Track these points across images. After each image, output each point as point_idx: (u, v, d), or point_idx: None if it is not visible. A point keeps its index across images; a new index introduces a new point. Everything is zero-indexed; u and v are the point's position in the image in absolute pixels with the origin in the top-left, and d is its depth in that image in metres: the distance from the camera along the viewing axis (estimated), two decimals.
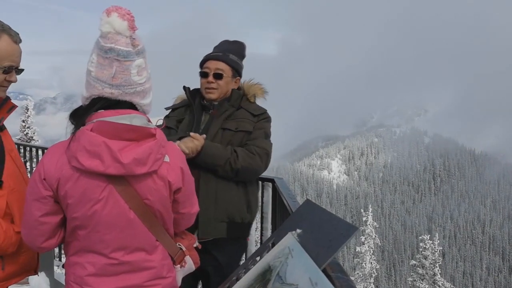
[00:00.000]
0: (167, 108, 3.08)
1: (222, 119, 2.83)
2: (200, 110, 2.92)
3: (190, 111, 2.95)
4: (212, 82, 2.82)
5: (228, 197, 2.76)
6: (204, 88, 2.88)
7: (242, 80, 3.03)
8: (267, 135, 2.89)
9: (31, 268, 2.09)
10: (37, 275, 2.04)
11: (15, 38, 1.92)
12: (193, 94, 2.97)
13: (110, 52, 1.64)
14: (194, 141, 2.61)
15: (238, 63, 2.91)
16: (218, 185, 2.74)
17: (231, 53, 2.89)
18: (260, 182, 3.44)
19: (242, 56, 2.99)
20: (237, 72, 2.91)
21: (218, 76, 2.82)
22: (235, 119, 2.84)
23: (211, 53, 2.91)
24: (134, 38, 1.69)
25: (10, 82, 1.95)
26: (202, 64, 2.90)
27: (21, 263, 2.00)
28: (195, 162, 2.63)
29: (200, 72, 2.89)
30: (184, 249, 1.97)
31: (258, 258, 1.97)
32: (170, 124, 2.93)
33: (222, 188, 2.74)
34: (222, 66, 2.83)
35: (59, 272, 4.76)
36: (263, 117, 2.91)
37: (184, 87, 3.02)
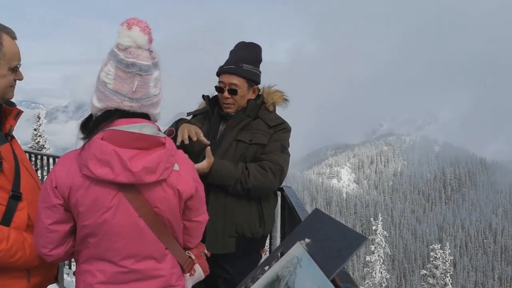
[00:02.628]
0: (188, 114, 3.03)
1: (237, 130, 2.75)
2: (218, 119, 2.86)
3: (208, 119, 2.89)
4: (228, 98, 2.75)
5: (238, 212, 2.71)
6: (222, 103, 2.82)
7: (261, 85, 2.93)
8: (284, 147, 2.77)
9: (52, 277, 2.08)
10: (57, 283, 2.08)
11: (13, 35, 1.88)
12: (213, 102, 2.92)
13: (132, 67, 1.64)
14: (203, 162, 2.58)
15: (253, 72, 2.78)
16: (228, 200, 2.69)
17: (245, 62, 2.76)
18: (277, 194, 3.30)
19: (258, 61, 2.86)
20: (253, 81, 2.80)
21: (233, 91, 2.73)
22: (250, 130, 2.76)
23: (225, 65, 2.80)
24: (151, 51, 1.70)
25: (17, 80, 1.93)
26: (218, 75, 2.82)
27: (45, 273, 2.00)
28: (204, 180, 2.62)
29: (216, 86, 2.82)
30: (193, 257, 1.96)
31: (266, 268, 1.96)
32: None
33: (232, 203, 2.70)
34: (236, 81, 2.73)
35: (69, 280, 4.79)
36: (280, 128, 2.80)
37: (203, 96, 2.97)
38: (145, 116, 1.73)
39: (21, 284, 1.88)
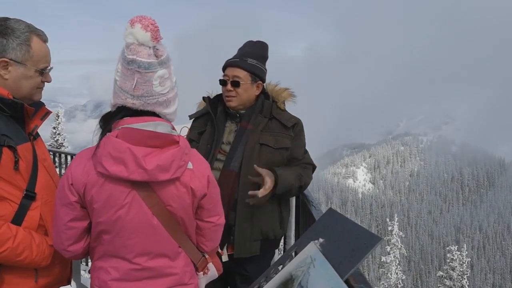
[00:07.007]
0: (191, 117, 3.01)
1: (258, 132, 2.74)
2: (223, 118, 2.85)
3: (211, 121, 2.87)
4: (231, 90, 2.75)
5: (264, 216, 2.74)
6: (224, 96, 2.82)
7: (267, 82, 2.92)
8: (304, 145, 2.90)
9: (64, 279, 2.08)
10: (69, 285, 2.05)
11: (44, 37, 1.90)
12: (215, 102, 2.91)
13: (132, 64, 1.65)
14: (267, 180, 2.56)
15: (257, 67, 2.78)
16: (255, 208, 2.68)
17: (250, 56, 2.77)
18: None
19: (263, 57, 2.85)
20: (257, 76, 2.79)
21: (235, 84, 2.73)
22: (270, 131, 2.77)
23: (231, 58, 2.82)
24: (157, 49, 1.68)
25: (45, 82, 1.95)
26: (224, 69, 2.83)
27: (55, 275, 1.99)
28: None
29: (220, 80, 2.82)
30: (206, 256, 1.97)
31: (280, 267, 1.96)
32: (192, 136, 2.90)
33: (259, 210, 2.71)
34: (239, 73, 2.73)
35: (86, 276, 4.85)
36: (298, 128, 2.84)
37: (204, 98, 2.96)
38: (154, 115, 1.73)
39: (28, 284, 1.88)
